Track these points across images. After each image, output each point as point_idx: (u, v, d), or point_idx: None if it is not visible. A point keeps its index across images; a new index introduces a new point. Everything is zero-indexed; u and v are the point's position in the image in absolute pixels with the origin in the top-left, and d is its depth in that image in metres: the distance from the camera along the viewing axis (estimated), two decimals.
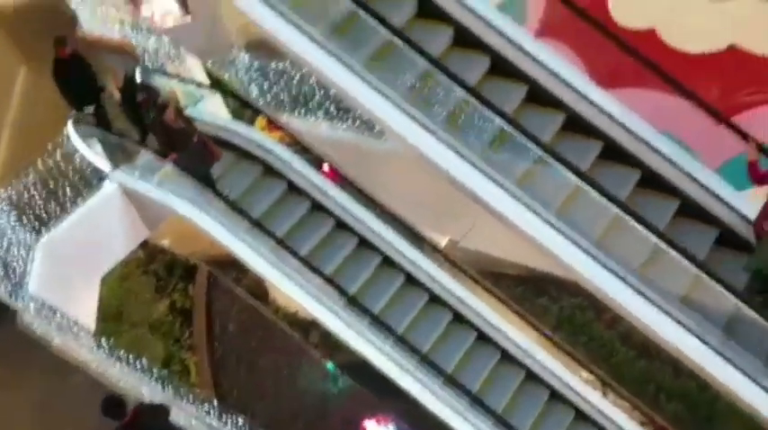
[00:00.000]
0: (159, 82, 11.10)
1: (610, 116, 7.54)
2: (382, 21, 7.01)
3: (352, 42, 7.10)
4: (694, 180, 7.43)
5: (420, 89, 7.16)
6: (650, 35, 11.68)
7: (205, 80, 11.88)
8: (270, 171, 10.64)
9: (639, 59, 7.53)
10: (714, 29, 11.40)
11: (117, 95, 10.27)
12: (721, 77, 10.85)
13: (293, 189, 10.55)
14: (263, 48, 9.75)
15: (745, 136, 7.04)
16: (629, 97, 9.49)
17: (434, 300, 10.33)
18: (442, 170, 7.13)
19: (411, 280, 10.33)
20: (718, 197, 7.39)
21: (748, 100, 10.65)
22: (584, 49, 11.41)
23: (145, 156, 10.51)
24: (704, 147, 8.76)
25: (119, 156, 10.67)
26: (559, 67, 7.60)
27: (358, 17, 6.98)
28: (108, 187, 10.57)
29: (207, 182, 10.10)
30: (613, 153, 7.53)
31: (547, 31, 12.55)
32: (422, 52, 7.03)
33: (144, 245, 12.37)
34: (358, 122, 9.82)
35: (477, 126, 7.09)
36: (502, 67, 7.59)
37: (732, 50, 11.18)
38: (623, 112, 7.57)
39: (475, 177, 7.09)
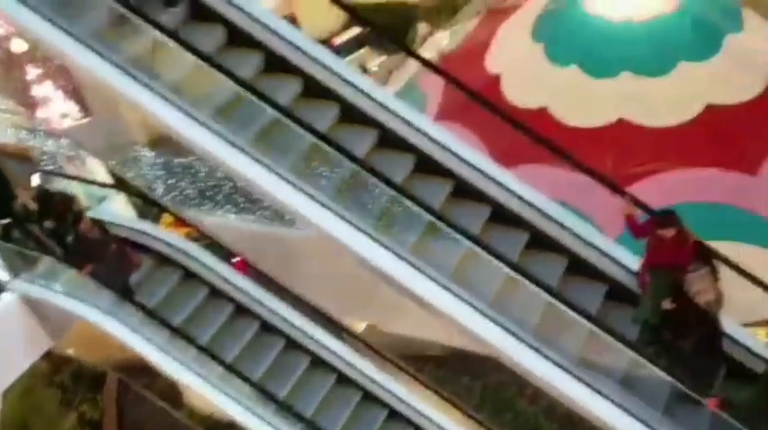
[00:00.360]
0: (59, 184, 10.79)
1: (498, 182, 7.74)
2: (283, 111, 7.08)
3: (244, 128, 7.14)
4: (579, 238, 7.64)
5: (318, 170, 7.23)
6: (543, 113, 12.26)
7: (108, 180, 11.63)
8: (189, 275, 10.35)
9: (533, 137, 7.81)
10: (602, 104, 12.08)
11: (32, 205, 9.85)
12: (613, 149, 11.43)
13: (215, 293, 10.28)
14: (166, 143, 9.66)
15: (622, 192, 7.30)
16: (531, 174, 9.84)
17: (367, 396, 10.16)
18: (348, 250, 7.11)
19: (341, 377, 10.16)
20: (605, 253, 7.60)
21: (640, 170, 11.21)
22: (483, 130, 11.85)
23: (47, 263, 10.09)
24: (606, 217, 9.11)
25: (19, 264, 10.19)
26: (439, 133, 7.81)
27: (252, 105, 7.03)
28: (6, 298, 10.05)
29: (124, 291, 9.69)
30: (502, 218, 7.71)
31: (446, 114, 13.00)
32: (322, 137, 7.11)
33: (47, 355, 11.73)
34: (268, 212, 9.76)
35: (379, 204, 7.19)
36: (390, 140, 7.75)
37: (621, 123, 11.85)
38: (508, 178, 7.81)
39: (381, 255, 7.11)
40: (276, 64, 7.62)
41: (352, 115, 7.66)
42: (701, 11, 12.44)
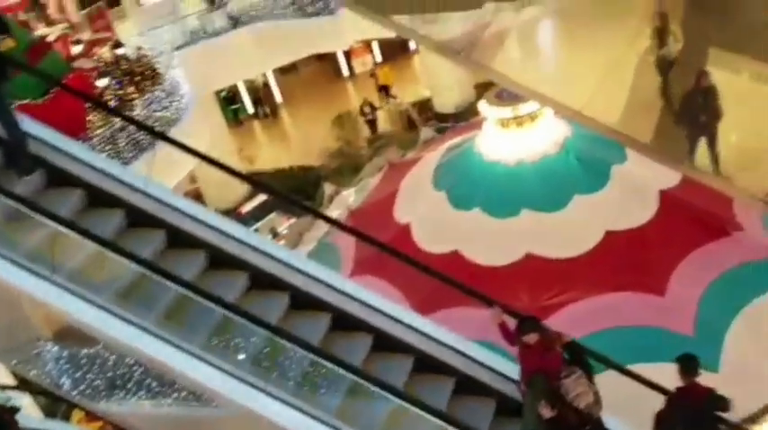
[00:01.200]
0: None
1: (375, 308, 7.70)
2: (175, 279, 6.93)
3: (148, 307, 6.99)
4: (464, 356, 7.63)
5: (228, 342, 7.03)
6: (455, 256, 12.46)
7: (10, 381, 10.93)
8: None
9: (446, 281, 7.88)
10: (508, 242, 12.41)
11: None
12: (526, 284, 11.61)
13: None
14: (72, 335, 9.19)
15: (490, 302, 7.32)
16: (452, 317, 9.82)
17: None
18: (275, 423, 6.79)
19: None
20: (490, 368, 7.59)
21: (554, 301, 11.36)
22: (399, 280, 11.90)
23: None
24: None
25: None
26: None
27: (149, 280, 6.90)
28: None
29: None
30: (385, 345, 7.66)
31: (362, 268, 13.04)
32: (226, 305, 6.95)
33: None
34: (184, 393, 9.25)
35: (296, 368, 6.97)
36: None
37: (529, 258, 12.12)
38: (388, 305, 7.82)
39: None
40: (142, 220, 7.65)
41: (220, 261, 7.65)
42: (584, 148, 13.20)
